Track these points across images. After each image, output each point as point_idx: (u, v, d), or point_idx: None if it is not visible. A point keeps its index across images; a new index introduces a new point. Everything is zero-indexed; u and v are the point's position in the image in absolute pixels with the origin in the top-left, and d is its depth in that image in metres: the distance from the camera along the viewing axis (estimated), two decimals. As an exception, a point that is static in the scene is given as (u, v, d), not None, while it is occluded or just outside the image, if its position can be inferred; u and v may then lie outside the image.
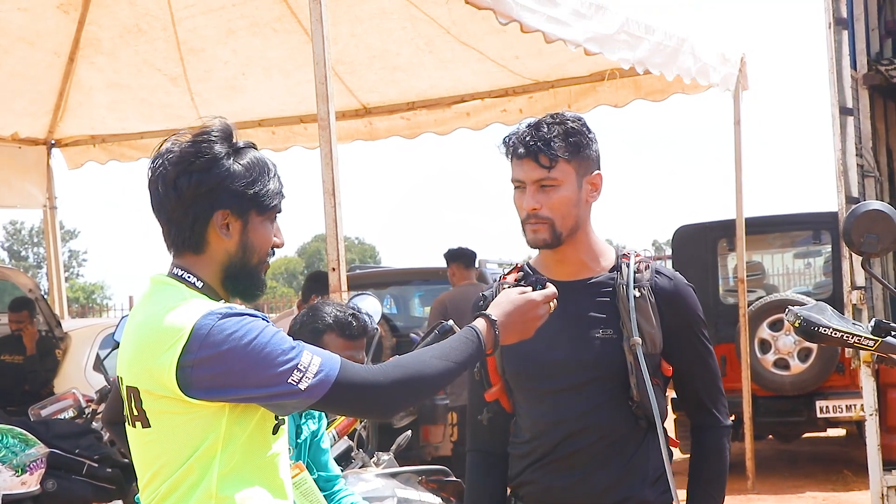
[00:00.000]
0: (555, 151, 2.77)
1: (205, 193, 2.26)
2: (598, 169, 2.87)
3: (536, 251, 2.91)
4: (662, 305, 2.84)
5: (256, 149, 2.36)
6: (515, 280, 2.90)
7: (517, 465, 2.94)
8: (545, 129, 2.79)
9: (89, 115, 9.56)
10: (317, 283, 8.12)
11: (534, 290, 2.54)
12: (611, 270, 2.88)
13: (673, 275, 2.90)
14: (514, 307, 2.47)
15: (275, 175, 2.34)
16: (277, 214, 2.37)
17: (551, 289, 2.54)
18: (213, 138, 2.29)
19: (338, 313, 3.53)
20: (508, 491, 3.01)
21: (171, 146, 2.30)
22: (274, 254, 2.39)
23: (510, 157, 2.83)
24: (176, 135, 2.33)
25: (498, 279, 2.98)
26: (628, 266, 2.86)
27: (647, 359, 2.81)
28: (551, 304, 2.52)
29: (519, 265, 2.98)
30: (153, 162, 2.31)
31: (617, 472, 2.81)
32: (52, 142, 10.07)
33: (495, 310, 2.46)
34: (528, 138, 2.79)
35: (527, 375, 2.89)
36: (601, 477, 2.81)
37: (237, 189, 2.27)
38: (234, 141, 2.32)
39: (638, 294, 2.82)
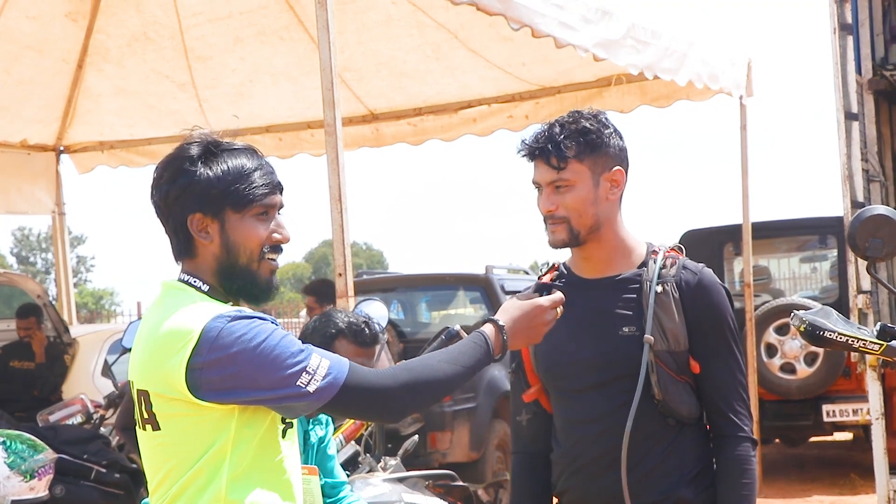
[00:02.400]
0: (563, 152, 2.76)
1: (174, 201, 2.30)
2: (621, 164, 2.83)
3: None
4: (686, 301, 2.79)
5: (235, 147, 2.35)
6: (551, 279, 2.92)
7: (556, 470, 2.94)
8: (557, 130, 2.78)
9: (98, 122, 9.59)
10: (317, 293, 8.16)
11: (541, 295, 2.56)
12: (639, 266, 2.85)
13: (699, 269, 2.85)
14: (522, 313, 2.48)
15: (254, 170, 2.32)
16: (267, 208, 2.33)
17: (558, 294, 2.54)
18: (185, 148, 2.33)
19: (351, 320, 3.54)
20: (555, 499, 2.99)
21: (161, 160, 2.37)
22: (279, 251, 2.37)
23: (524, 157, 2.84)
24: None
25: (537, 280, 2.98)
26: (655, 262, 2.83)
27: (671, 356, 2.77)
28: (558, 309, 2.53)
29: (556, 265, 2.98)
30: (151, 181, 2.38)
31: (650, 471, 2.78)
32: (61, 148, 10.09)
33: (503, 315, 2.48)
34: (539, 140, 2.79)
35: (555, 374, 2.89)
36: (634, 477, 2.77)
37: (203, 190, 2.29)
38: (210, 144, 2.33)
39: (661, 289, 2.78)
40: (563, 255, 3.00)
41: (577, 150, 2.77)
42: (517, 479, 3.02)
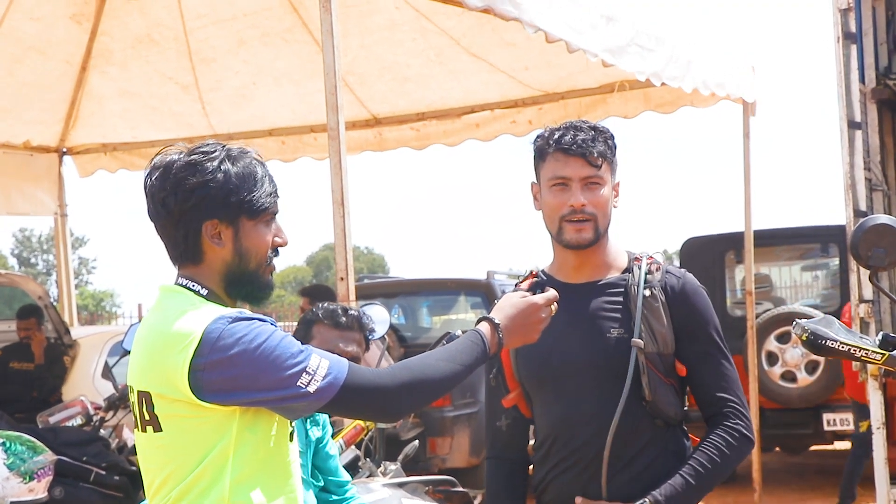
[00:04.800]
0: (602, 150, 2.84)
1: (191, 207, 2.30)
2: (617, 178, 2.94)
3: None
4: (672, 304, 2.86)
5: (247, 154, 2.37)
6: (530, 286, 2.93)
7: (538, 470, 2.96)
8: (586, 130, 2.85)
9: (101, 124, 9.59)
10: (312, 296, 8.17)
11: (535, 293, 2.57)
12: (623, 272, 2.91)
13: (682, 274, 2.92)
14: (517, 311, 2.50)
15: (264, 177, 2.35)
16: (274, 215, 2.38)
17: (552, 292, 2.56)
18: (199, 153, 2.33)
19: (329, 306, 3.64)
20: (534, 498, 3.01)
21: (158, 163, 2.35)
22: (278, 254, 2.40)
23: (551, 153, 2.85)
24: (165, 150, 2.38)
25: (514, 287, 3.01)
26: (640, 267, 2.89)
27: (660, 358, 2.82)
28: (553, 307, 2.54)
29: (534, 272, 3.01)
30: (145, 181, 2.36)
31: (636, 473, 2.80)
32: (64, 150, 10.10)
33: (498, 314, 2.49)
34: (576, 136, 2.83)
35: (541, 377, 2.91)
36: (620, 479, 2.81)
37: (223, 198, 2.30)
38: (222, 150, 2.34)
39: (648, 293, 2.84)
40: (542, 261, 3.03)
41: (607, 151, 2.87)
42: (494, 484, 3.04)
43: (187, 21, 7.87)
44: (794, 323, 2.49)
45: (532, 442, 3.02)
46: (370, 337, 3.72)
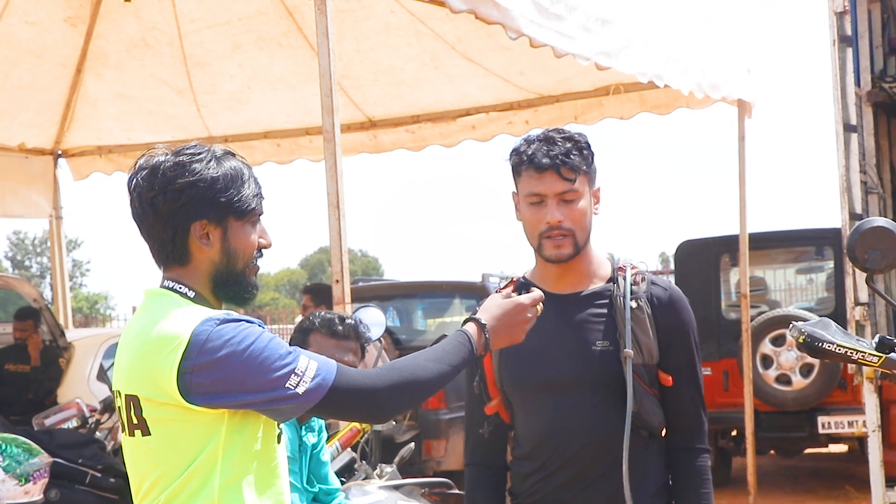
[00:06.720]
0: (576, 164, 2.81)
1: (180, 207, 2.29)
2: (597, 184, 2.92)
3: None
4: (658, 316, 2.86)
5: (232, 155, 2.38)
6: (514, 290, 2.92)
7: (518, 478, 2.97)
8: (560, 143, 2.81)
9: (96, 126, 9.58)
10: (314, 293, 8.18)
11: (520, 293, 2.58)
12: (607, 282, 2.91)
13: (668, 286, 2.93)
14: (503, 311, 2.50)
15: (250, 178, 2.36)
16: (259, 216, 2.39)
17: (538, 292, 2.56)
18: (187, 154, 2.33)
19: (325, 315, 3.65)
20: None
21: (145, 163, 2.35)
22: (262, 255, 2.41)
23: (525, 169, 2.84)
24: (150, 151, 2.38)
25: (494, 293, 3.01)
26: (625, 278, 2.89)
27: (645, 369, 2.84)
28: (538, 307, 2.54)
29: (515, 279, 3.01)
30: (130, 181, 2.36)
31: (617, 483, 2.81)
32: (59, 152, 10.09)
33: (484, 314, 2.50)
34: (549, 151, 2.80)
35: (526, 388, 2.91)
36: (601, 488, 2.82)
37: (212, 198, 2.30)
38: (209, 151, 2.35)
39: (635, 305, 2.85)
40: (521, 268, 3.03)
41: (581, 162, 2.83)
42: (477, 490, 3.05)
43: (182, 25, 7.87)
44: (791, 325, 2.48)
45: (510, 448, 3.03)
46: (367, 343, 3.73)
